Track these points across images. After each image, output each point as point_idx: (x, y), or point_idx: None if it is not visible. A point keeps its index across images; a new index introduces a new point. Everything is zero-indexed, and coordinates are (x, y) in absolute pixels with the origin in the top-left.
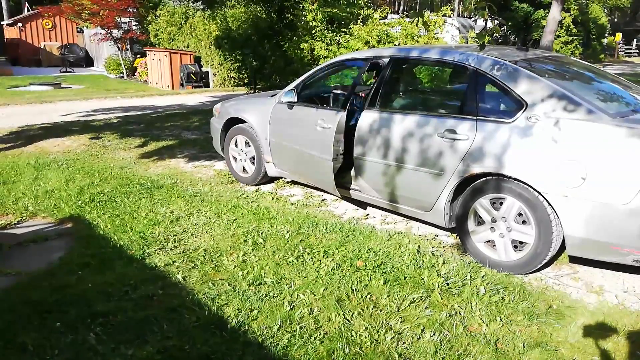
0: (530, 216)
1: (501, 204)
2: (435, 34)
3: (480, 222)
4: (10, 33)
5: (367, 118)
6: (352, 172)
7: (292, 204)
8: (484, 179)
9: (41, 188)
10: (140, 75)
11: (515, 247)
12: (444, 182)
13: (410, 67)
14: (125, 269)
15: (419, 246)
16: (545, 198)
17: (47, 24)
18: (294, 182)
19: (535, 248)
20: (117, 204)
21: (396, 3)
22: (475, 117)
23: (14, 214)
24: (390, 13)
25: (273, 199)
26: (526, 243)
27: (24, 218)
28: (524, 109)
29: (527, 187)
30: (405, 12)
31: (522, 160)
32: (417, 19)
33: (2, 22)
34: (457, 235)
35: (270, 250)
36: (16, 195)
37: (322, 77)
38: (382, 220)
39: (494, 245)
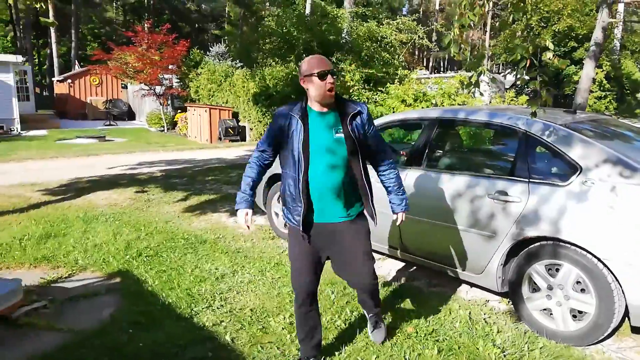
0: (589, 284)
1: (557, 270)
2: (472, 92)
3: (535, 288)
4: (60, 88)
5: (413, 176)
6: (398, 231)
7: None
8: (539, 243)
9: (90, 241)
10: (180, 129)
11: (574, 316)
12: (496, 245)
13: (457, 128)
14: (175, 328)
15: (470, 312)
16: (605, 265)
17: (94, 80)
18: None
19: (596, 319)
20: (163, 259)
21: (424, 59)
22: (527, 180)
23: (64, 267)
24: (419, 68)
25: None
26: (586, 313)
27: (74, 272)
28: (578, 173)
29: (586, 253)
30: (434, 68)
31: (579, 225)
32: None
33: (53, 79)
34: (509, 301)
35: None
36: (67, 248)
37: None
38: (428, 282)
39: (551, 314)
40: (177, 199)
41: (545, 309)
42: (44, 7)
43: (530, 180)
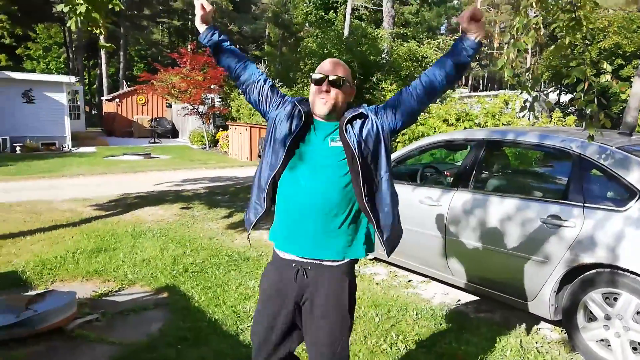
0: None
1: (615, 299)
2: (517, 113)
3: (591, 317)
4: (109, 107)
5: (460, 198)
6: (444, 253)
7: (377, 283)
8: (595, 270)
9: (138, 256)
10: (221, 147)
11: (635, 349)
12: (548, 271)
13: (505, 149)
14: (222, 345)
15: (521, 341)
16: None
17: (140, 99)
18: (376, 259)
19: None
20: (208, 275)
21: (463, 77)
22: (582, 204)
23: (114, 281)
24: (457, 86)
25: (357, 277)
26: None
27: (123, 286)
28: (637, 197)
29: None
30: (473, 86)
31: (639, 252)
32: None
33: (102, 98)
34: (563, 330)
35: (361, 335)
36: (116, 262)
37: (413, 156)
38: (476, 307)
39: (609, 346)
40: (221, 216)
41: (602, 340)
42: (103, 32)
43: (585, 204)
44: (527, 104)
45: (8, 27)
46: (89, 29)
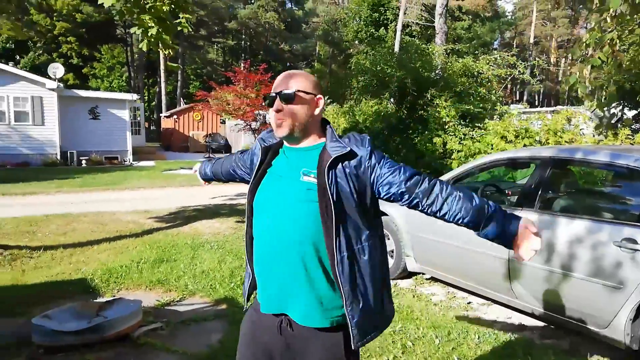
0: None
1: None
2: (581, 129)
3: None
4: (166, 123)
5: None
6: (508, 275)
7: (435, 304)
8: None
9: (198, 268)
10: None
11: None
12: (623, 297)
13: (574, 169)
14: None
15: None
16: None
17: (196, 116)
18: (433, 279)
19: None
20: None
21: (517, 93)
22: None
23: (175, 291)
24: (512, 102)
25: (414, 296)
26: None
27: (184, 296)
28: None
29: None
30: (524, 102)
31: None
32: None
33: (160, 114)
34: None
35: (421, 357)
36: (177, 273)
37: (473, 173)
38: (541, 333)
39: None
40: None
41: None
42: (172, 53)
43: None
44: (604, 121)
45: (76, 48)
46: (159, 49)
